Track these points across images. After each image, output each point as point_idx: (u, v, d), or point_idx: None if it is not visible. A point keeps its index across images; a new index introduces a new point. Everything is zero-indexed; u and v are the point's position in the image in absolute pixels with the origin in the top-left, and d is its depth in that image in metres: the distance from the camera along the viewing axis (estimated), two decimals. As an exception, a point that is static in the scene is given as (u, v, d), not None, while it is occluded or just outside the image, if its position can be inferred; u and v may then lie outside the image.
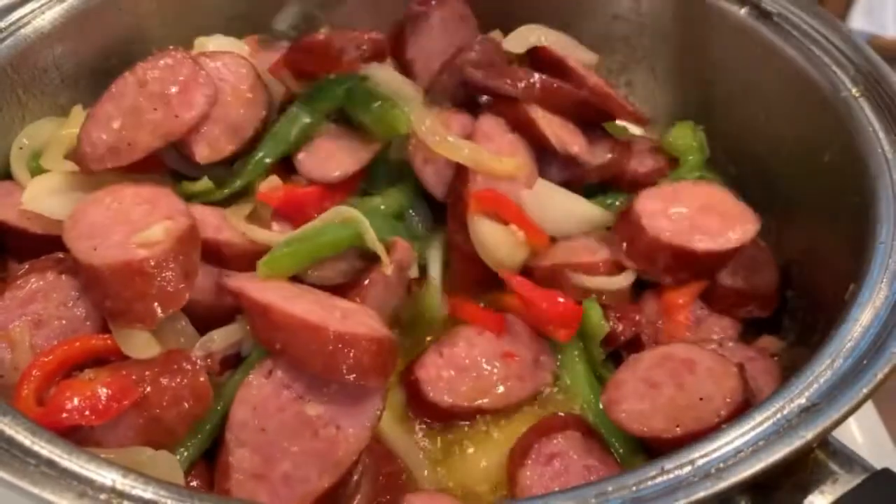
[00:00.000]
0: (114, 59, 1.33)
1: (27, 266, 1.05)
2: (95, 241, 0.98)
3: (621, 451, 1.01)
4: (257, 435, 0.91)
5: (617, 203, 1.24)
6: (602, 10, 1.47)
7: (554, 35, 1.34)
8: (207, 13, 1.45)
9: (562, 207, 1.18)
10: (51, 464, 0.73)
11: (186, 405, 0.93)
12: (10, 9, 1.21)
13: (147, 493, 0.71)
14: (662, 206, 1.16)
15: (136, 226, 0.99)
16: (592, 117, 1.26)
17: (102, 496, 0.70)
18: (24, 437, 0.75)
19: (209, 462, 0.96)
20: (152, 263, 0.94)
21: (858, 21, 3.29)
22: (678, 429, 0.95)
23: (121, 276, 0.94)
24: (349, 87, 1.19)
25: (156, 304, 0.94)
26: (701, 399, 0.97)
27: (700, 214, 1.15)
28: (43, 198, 1.11)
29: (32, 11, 1.21)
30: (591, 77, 1.30)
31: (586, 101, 1.24)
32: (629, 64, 1.48)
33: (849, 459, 0.78)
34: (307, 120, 1.19)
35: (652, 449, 0.98)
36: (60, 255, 1.04)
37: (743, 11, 1.28)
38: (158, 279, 0.94)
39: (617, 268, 1.15)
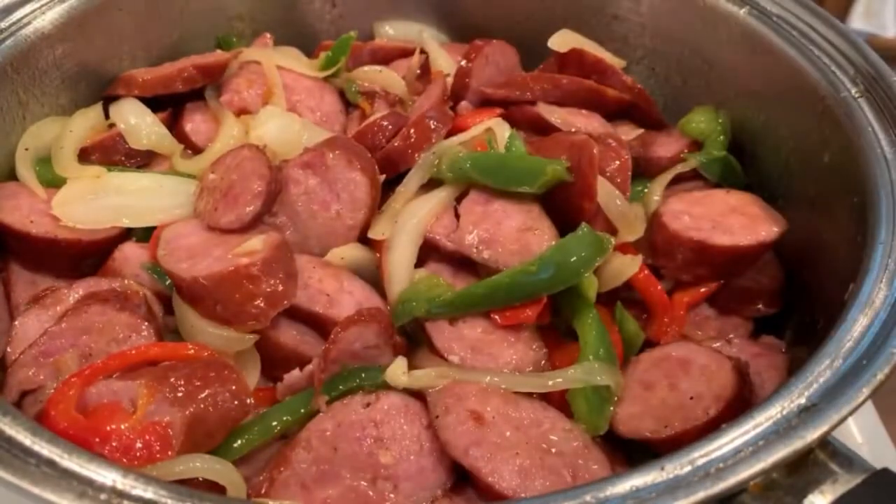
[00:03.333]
0: (114, 60, 1.33)
1: (89, 291, 1.06)
2: (196, 260, 1.03)
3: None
4: (326, 450, 0.92)
5: (644, 190, 1.26)
6: (602, 10, 1.48)
7: (587, 42, 1.41)
8: (208, 13, 1.45)
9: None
10: (51, 463, 0.73)
11: (231, 412, 0.93)
12: (10, 9, 1.20)
13: (147, 492, 0.71)
14: (687, 207, 1.17)
15: (231, 243, 1.05)
16: (612, 107, 1.34)
17: (103, 496, 0.70)
18: (25, 437, 0.75)
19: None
20: (257, 268, 0.99)
21: (858, 21, 3.30)
22: (667, 429, 0.95)
23: (229, 283, 1.00)
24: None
25: (265, 303, 0.99)
26: (691, 398, 0.97)
27: (724, 215, 1.16)
28: (71, 205, 1.13)
29: (33, 12, 1.21)
30: (624, 76, 1.37)
31: (592, 87, 1.32)
32: (629, 64, 1.48)
33: (848, 459, 0.78)
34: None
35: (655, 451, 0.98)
36: (117, 286, 1.07)
37: (743, 11, 1.28)
38: (264, 281, 0.99)
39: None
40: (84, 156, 1.22)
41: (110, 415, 0.88)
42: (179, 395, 0.90)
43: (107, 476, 0.72)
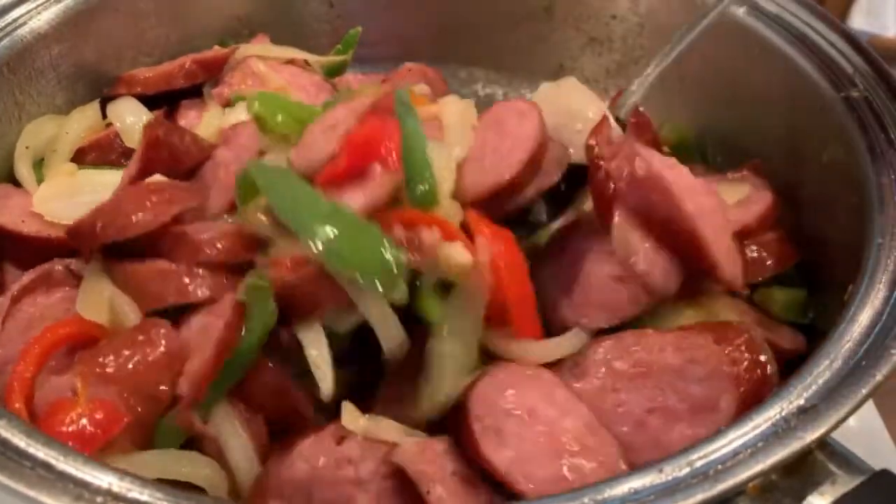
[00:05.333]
0: (111, 60, 1.33)
1: (18, 289, 1.03)
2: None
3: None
4: (301, 499, 0.84)
5: None
6: (601, 11, 1.47)
7: None
8: (205, 13, 1.45)
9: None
10: (47, 466, 0.72)
11: (162, 363, 0.90)
12: (6, 9, 1.21)
13: (143, 495, 0.71)
14: None
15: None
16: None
17: (99, 499, 0.70)
18: (20, 440, 0.74)
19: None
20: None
21: (858, 21, 3.29)
22: None
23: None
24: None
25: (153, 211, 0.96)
26: None
27: None
28: (51, 202, 1.12)
29: (29, 12, 1.21)
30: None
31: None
32: (628, 64, 1.48)
33: (847, 461, 0.78)
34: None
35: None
36: (41, 270, 1.04)
37: (742, 11, 1.28)
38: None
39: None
40: (80, 155, 1.22)
41: (60, 410, 0.86)
42: (109, 371, 0.88)
43: (103, 479, 0.72)
